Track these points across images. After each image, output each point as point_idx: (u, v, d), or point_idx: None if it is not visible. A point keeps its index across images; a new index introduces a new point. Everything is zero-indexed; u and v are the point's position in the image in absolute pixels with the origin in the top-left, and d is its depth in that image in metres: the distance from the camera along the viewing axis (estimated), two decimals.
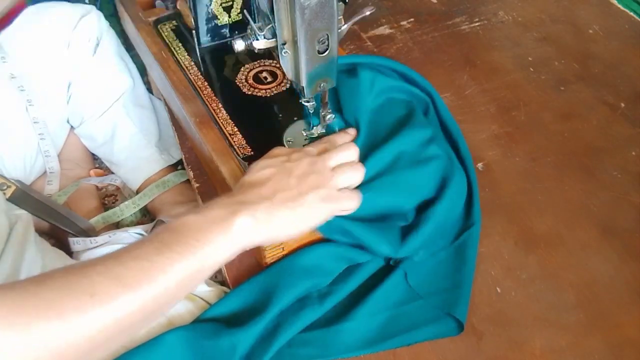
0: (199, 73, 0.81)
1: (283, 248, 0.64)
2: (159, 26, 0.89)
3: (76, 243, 0.89)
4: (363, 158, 0.63)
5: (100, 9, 0.96)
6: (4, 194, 0.59)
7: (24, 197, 0.59)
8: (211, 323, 0.60)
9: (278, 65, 0.81)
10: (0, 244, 0.71)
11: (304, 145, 0.70)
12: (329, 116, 0.68)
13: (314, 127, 0.70)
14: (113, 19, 1.00)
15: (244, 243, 0.50)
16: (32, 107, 0.88)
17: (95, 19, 0.92)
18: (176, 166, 1.07)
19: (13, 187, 0.59)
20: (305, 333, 0.59)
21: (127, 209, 1.01)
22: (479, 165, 0.77)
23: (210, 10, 0.81)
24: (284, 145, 0.70)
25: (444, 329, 0.59)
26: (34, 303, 0.38)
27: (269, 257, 0.63)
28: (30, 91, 0.87)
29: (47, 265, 0.74)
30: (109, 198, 1.07)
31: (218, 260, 0.48)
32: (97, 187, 1.06)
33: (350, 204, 0.57)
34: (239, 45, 0.66)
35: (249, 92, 0.78)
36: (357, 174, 0.59)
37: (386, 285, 0.62)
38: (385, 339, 0.58)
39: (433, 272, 0.63)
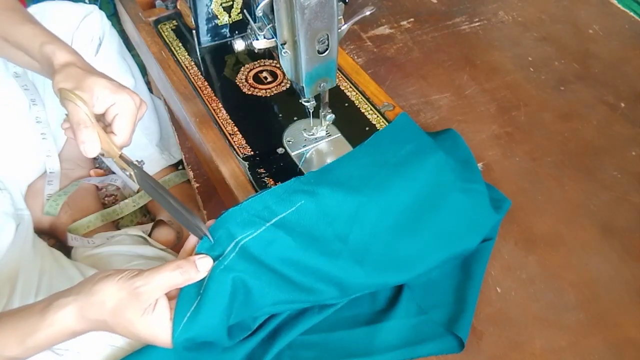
0: (199, 73, 0.81)
1: None
2: (159, 26, 0.89)
3: (74, 239, 0.89)
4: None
5: (100, 9, 0.96)
6: (133, 180, 0.59)
7: (142, 182, 0.59)
8: None
9: (278, 65, 0.81)
10: (6, 245, 0.72)
11: (303, 146, 0.70)
12: (328, 116, 0.68)
13: (314, 128, 0.70)
14: (113, 18, 1.00)
15: None
16: (36, 107, 0.88)
17: (97, 19, 0.92)
18: (177, 166, 1.07)
19: (132, 172, 0.59)
20: (306, 336, 0.59)
21: (127, 207, 1.01)
22: (479, 165, 0.77)
23: (210, 10, 0.81)
24: (284, 145, 0.70)
25: (447, 346, 0.59)
26: None
27: None
28: (33, 90, 0.87)
29: (45, 268, 0.74)
30: (109, 198, 1.07)
31: None
32: (97, 187, 1.06)
33: None
34: (239, 45, 0.66)
35: (249, 92, 0.78)
36: None
37: (392, 298, 0.62)
38: (387, 350, 0.58)
39: (437, 285, 0.63)
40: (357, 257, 0.58)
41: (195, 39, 0.83)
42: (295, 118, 0.74)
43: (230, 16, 0.83)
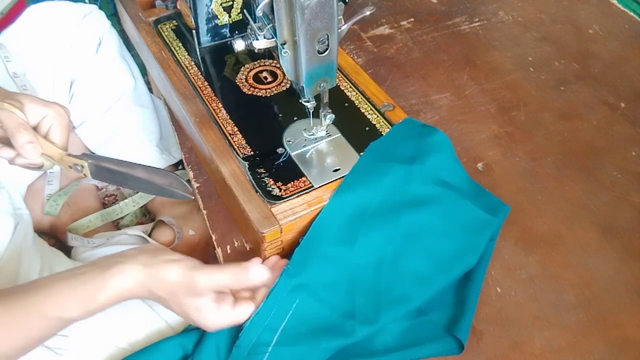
0: (199, 73, 0.81)
1: (282, 242, 0.64)
2: (159, 26, 0.89)
3: (74, 239, 0.89)
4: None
5: (100, 9, 0.96)
6: (84, 175, 0.59)
7: (98, 171, 0.59)
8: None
9: (278, 65, 0.81)
10: (4, 243, 0.72)
11: (303, 146, 0.70)
12: (328, 116, 0.68)
13: (314, 128, 0.70)
14: (113, 18, 1.00)
15: None
16: None
17: (97, 18, 0.92)
18: (177, 166, 1.07)
19: (85, 163, 0.58)
20: None
21: (127, 207, 1.01)
22: (479, 165, 0.77)
23: (210, 10, 0.81)
24: (284, 145, 0.70)
25: (446, 348, 0.59)
26: None
27: (269, 252, 0.64)
28: (32, 91, 0.87)
29: (45, 267, 0.74)
30: (109, 198, 1.07)
31: None
32: (97, 187, 1.06)
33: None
34: (239, 45, 0.66)
35: (249, 92, 0.78)
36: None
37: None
38: (387, 352, 0.58)
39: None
40: (369, 319, 0.58)
41: (195, 39, 0.83)
42: (295, 118, 0.74)
43: (230, 16, 0.83)
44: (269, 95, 0.78)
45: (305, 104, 0.66)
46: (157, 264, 0.54)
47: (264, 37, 0.61)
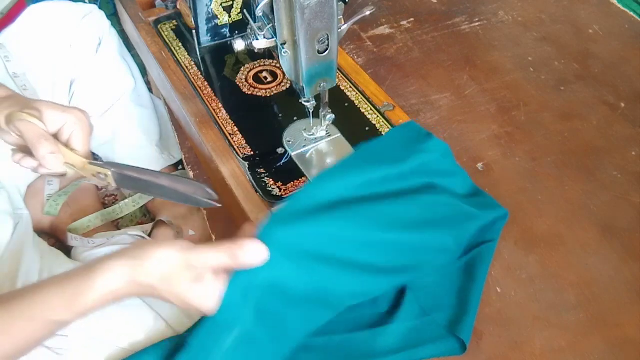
0: (199, 73, 0.81)
1: None
2: (159, 26, 0.89)
3: (74, 239, 0.89)
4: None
5: (100, 9, 0.96)
6: (109, 183, 0.58)
7: (122, 179, 0.57)
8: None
9: (278, 65, 0.81)
10: (4, 243, 0.72)
11: (303, 146, 0.70)
12: (328, 116, 0.68)
13: (314, 128, 0.70)
14: (113, 18, 1.00)
15: None
16: None
17: (97, 18, 0.93)
18: (177, 166, 1.07)
19: (109, 172, 0.57)
20: (308, 339, 0.59)
21: (127, 207, 1.01)
22: (479, 165, 0.77)
23: (210, 10, 0.81)
24: (284, 145, 0.70)
25: (448, 348, 0.59)
26: None
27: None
28: (32, 90, 0.87)
29: (45, 267, 0.74)
30: (109, 198, 1.07)
31: None
32: (97, 187, 1.06)
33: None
34: (239, 45, 0.66)
35: (249, 92, 0.78)
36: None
37: (394, 300, 0.62)
38: (389, 353, 0.58)
39: (440, 287, 0.63)
40: (349, 290, 0.57)
41: (195, 39, 0.83)
42: (295, 118, 0.74)
43: (230, 16, 0.83)
44: (269, 95, 0.78)
45: (305, 104, 0.66)
46: (146, 251, 0.50)
47: (264, 37, 0.61)
